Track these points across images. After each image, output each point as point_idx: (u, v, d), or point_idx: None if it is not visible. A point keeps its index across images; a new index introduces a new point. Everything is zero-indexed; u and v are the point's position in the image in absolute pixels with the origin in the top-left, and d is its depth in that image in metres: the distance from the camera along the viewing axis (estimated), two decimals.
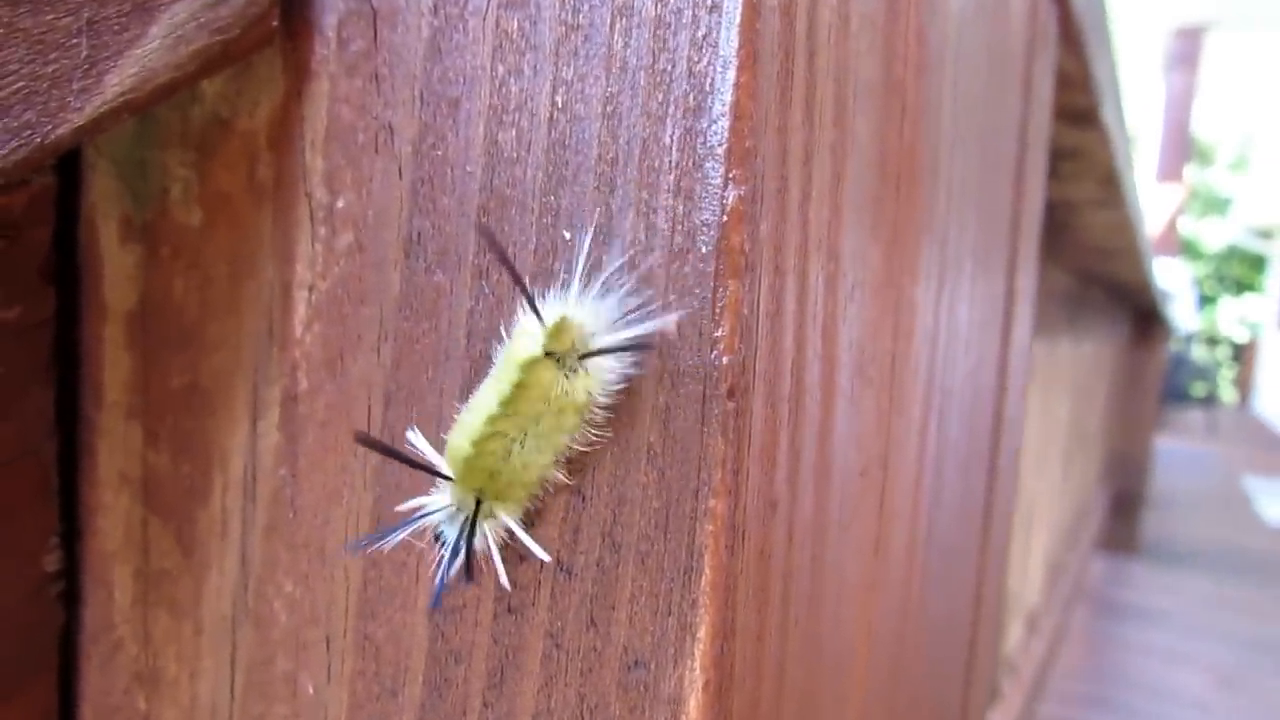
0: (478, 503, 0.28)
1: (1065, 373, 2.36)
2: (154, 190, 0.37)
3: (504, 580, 0.28)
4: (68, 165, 0.39)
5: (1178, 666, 2.83)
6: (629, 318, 0.27)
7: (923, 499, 0.46)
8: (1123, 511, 3.96)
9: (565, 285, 0.28)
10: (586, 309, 0.27)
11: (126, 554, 0.40)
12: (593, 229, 0.27)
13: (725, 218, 0.25)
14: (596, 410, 0.27)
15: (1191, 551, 3.98)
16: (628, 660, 0.27)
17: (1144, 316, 3.89)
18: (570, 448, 0.28)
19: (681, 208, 0.26)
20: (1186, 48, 5.11)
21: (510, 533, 0.28)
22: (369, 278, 0.32)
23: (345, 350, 0.33)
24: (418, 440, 0.29)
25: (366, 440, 0.30)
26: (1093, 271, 2.39)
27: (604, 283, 0.27)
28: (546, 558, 0.28)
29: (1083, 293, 2.47)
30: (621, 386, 0.27)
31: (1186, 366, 7.04)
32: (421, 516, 0.30)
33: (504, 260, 0.27)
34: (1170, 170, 4.91)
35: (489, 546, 0.28)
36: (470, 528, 0.28)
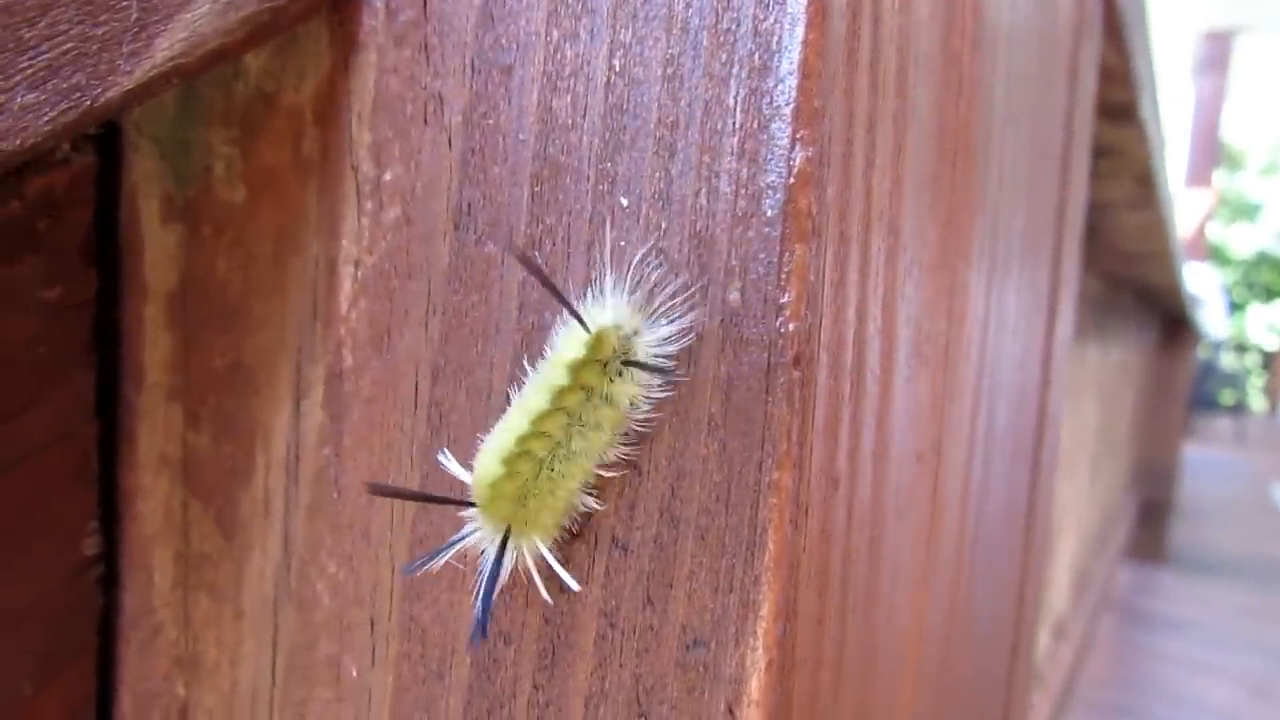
0: (507, 531, 0.28)
1: (1093, 378, 2.33)
2: (196, 169, 0.37)
3: (546, 597, 0.28)
4: (108, 146, 0.39)
5: (1206, 676, 2.79)
6: (672, 321, 0.26)
7: (971, 492, 0.45)
8: (1150, 520, 3.92)
9: (613, 287, 0.27)
10: (629, 314, 0.27)
11: (166, 537, 0.39)
12: (650, 197, 0.27)
13: (792, 180, 0.24)
14: (634, 422, 0.27)
15: (1220, 561, 3.93)
16: (686, 639, 0.26)
17: (1172, 322, 3.85)
18: (597, 472, 0.27)
19: (746, 171, 0.25)
20: (1216, 51, 5.06)
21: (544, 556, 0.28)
22: (417, 251, 0.32)
23: (392, 326, 0.32)
24: (449, 463, 0.29)
25: (383, 490, 0.29)
26: (1122, 276, 2.37)
27: (649, 287, 0.27)
28: (576, 587, 0.28)
29: (1111, 298, 2.44)
30: (664, 395, 0.27)
31: (1215, 374, 6.96)
32: (462, 539, 0.29)
33: (542, 277, 0.26)
34: (1199, 175, 4.86)
35: (528, 568, 0.28)
36: (499, 558, 0.28)
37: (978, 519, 0.46)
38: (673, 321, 0.26)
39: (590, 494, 0.28)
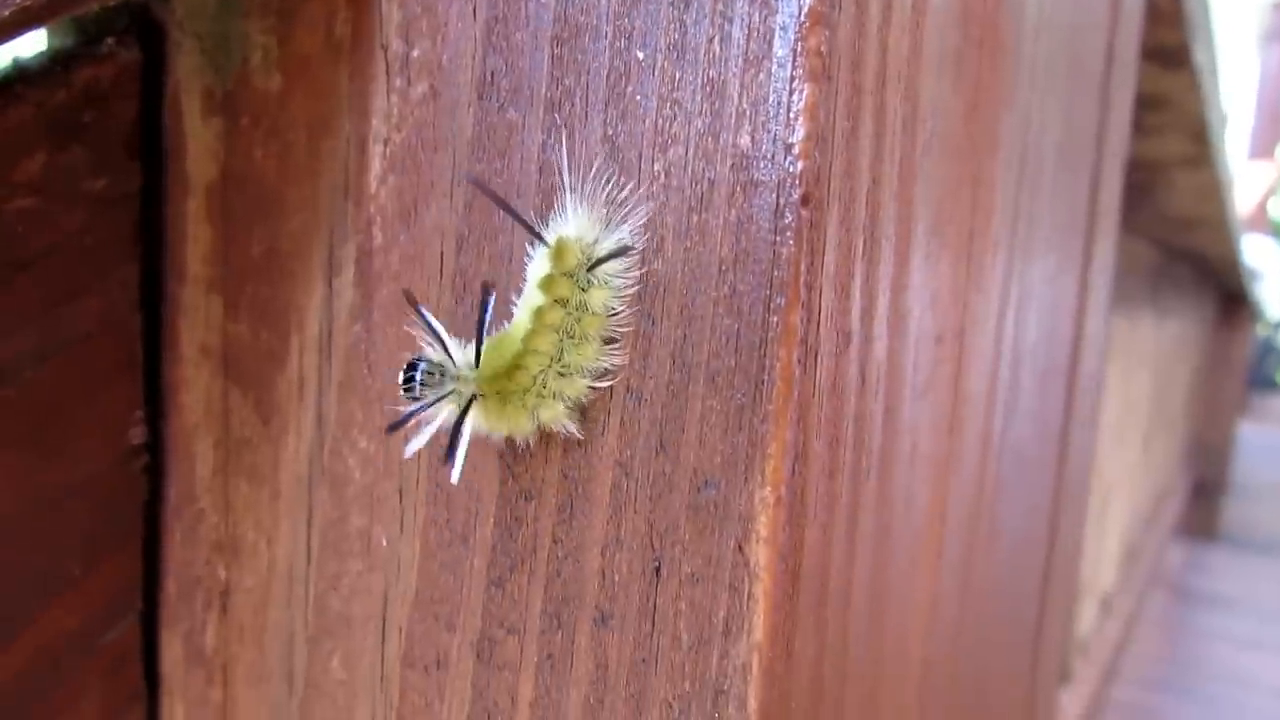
0: (473, 397, 0.29)
1: (1147, 350, 2.29)
2: (235, 61, 0.38)
3: (454, 476, 0.29)
4: (153, 46, 0.40)
5: (1257, 654, 2.74)
6: (623, 219, 0.27)
7: (998, 392, 0.45)
8: (1203, 498, 3.85)
9: (572, 201, 0.28)
10: (589, 224, 0.28)
11: (208, 426, 0.41)
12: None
13: (803, 19, 0.25)
14: (615, 328, 0.28)
15: (1274, 541, 3.84)
16: (698, 482, 0.27)
17: (1231, 297, 3.76)
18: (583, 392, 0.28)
19: (758, 14, 0.25)
20: None
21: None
22: (443, 124, 0.32)
23: (419, 199, 0.33)
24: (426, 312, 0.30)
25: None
26: (1176, 245, 2.32)
27: (605, 194, 0.28)
28: (455, 479, 0.29)
29: (1166, 267, 2.40)
30: (633, 290, 0.28)
31: (1274, 353, 6.80)
32: (439, 399, 0.29)
33: (498, 200, 0.28)
34: (1263, 148, 4.73)
35: (463, 436, 0.28)
36: (462, 416, 0.29)
37: (1005, 423, 0.46)
38: (630, 220, 0.27)
39: (609, 348, 0.28)
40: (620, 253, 0.27)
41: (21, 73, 0.37)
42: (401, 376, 0.29)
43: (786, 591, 0.26)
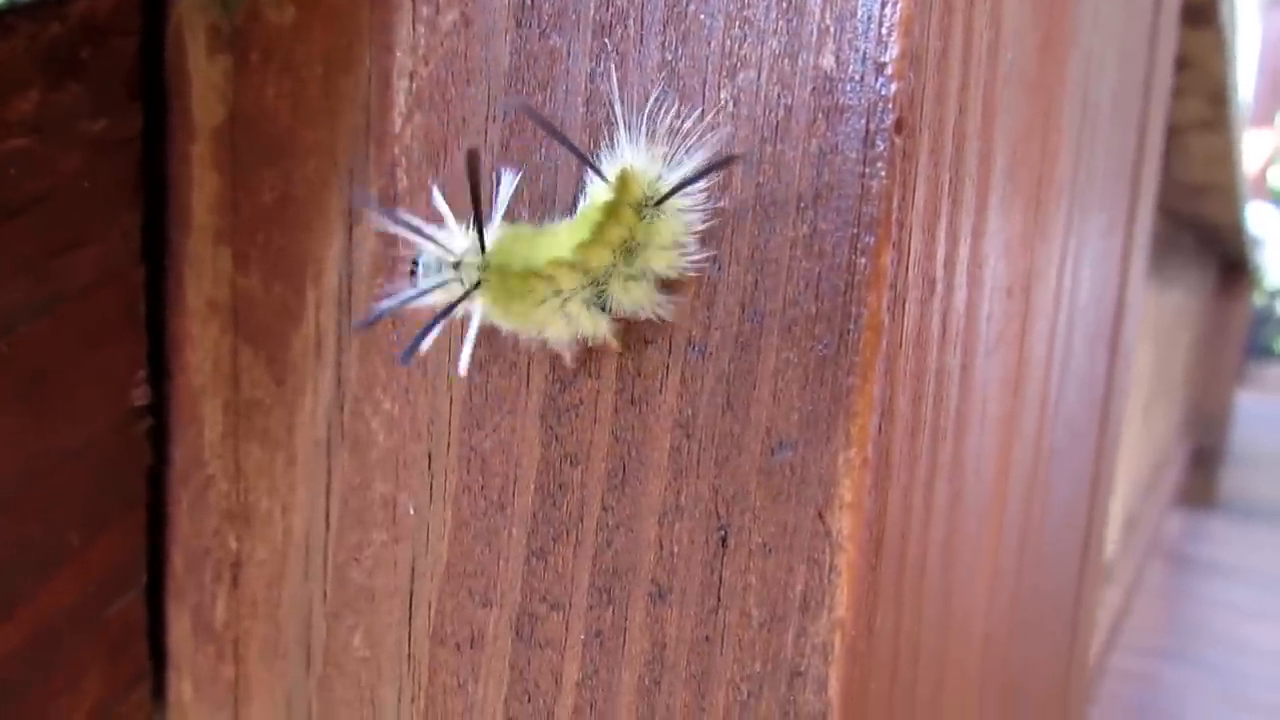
0: (476, 284, 0.26)
1: (1149, 321, 2.27)
2: None
3: (462, 368, 0.26)
4: None
5: (1257, 621, 2.74)
6: (690, 153, 0.24)
7: (1056, 349, 0.42)
8: (1202, 466, 3.84)
9: (629, 134, 0.25)
10: (652, 157, 0.25)
11: (216, 387, 0.38)
12: None
13: None
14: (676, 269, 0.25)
15: (1273, 508, 3.85)
16: (771, 442, 0.24)
17: (1230, 266, 3.74)
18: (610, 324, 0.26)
19: None
20: None
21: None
22: (476, 54, 0.30)
23: (449, 138, 0.30)
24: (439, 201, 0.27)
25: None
26: (1184, 212, 2.29)
27: (666, 128, 0.25)
28: (463, 371, 0.26)
29: (1172, 236, 2.37)
30: (708, 223, 0.25)
31: (1270, 321, 6.79)
32: (429, 238, 0.26)
33: (552, 130, 0.24)
34: (1264, 115, 4.70)
35: (467, 330, 0.26)
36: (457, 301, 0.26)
37: (1060, 386, 0.44)
38: (694, 154, 0.24)
39: (664, 296, 0.26)
40: (699, 178, 0.24)
41: (13, 4, 0.34)
42: (409, 273, 0.27)
43: (870, 563, 0.24)
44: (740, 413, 0.25)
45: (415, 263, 0.27)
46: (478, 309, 0.25)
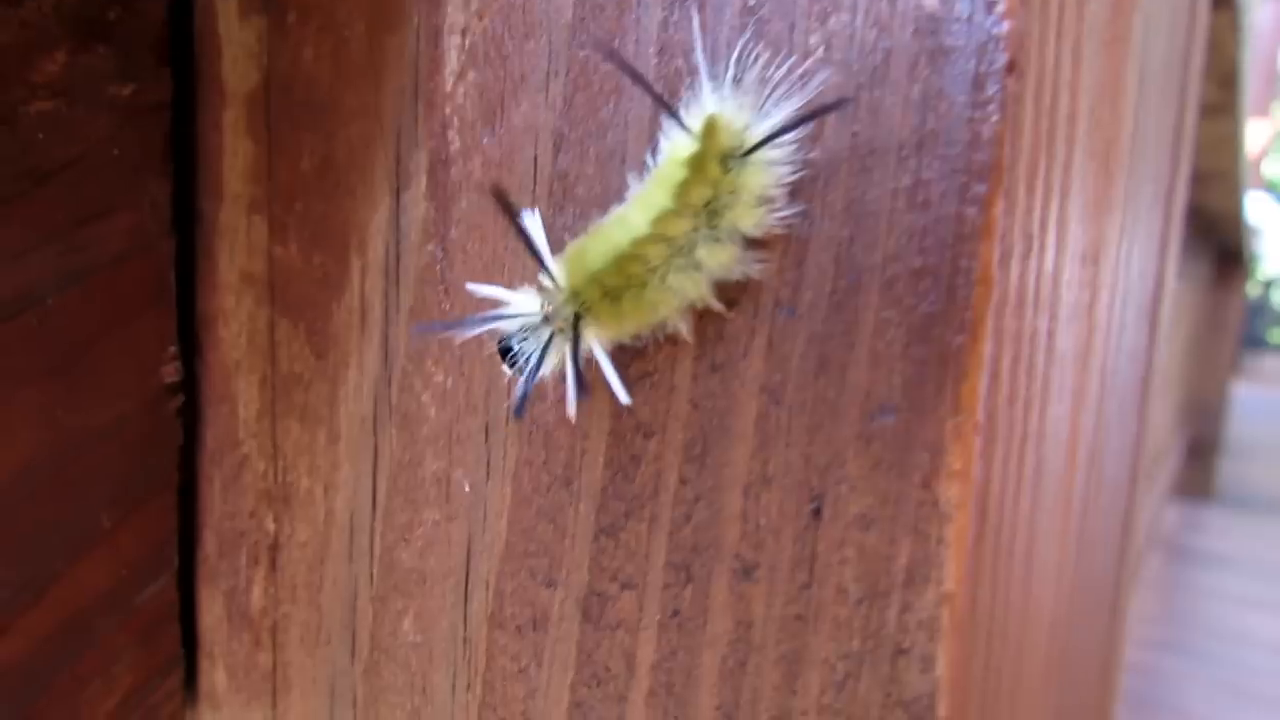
0: (577, 317, 0.25)
1: None
2: None
3: (624, 397, 0.25)
4: None
5: (1255, 611, 2.74)
6: (779, 102, 0.23)
7: (1114, 324, 0.41)
8: (1198, 457, 3.85)
9: (712, 81, 0.24)
10: (738, 104, 0.23)
11: (251, 362, 0.37)
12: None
13: None
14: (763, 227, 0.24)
15: (1270, 499, 3.85)
16: (870, 408, 0.23)
17: (1226, 256, 3.74)
18: (709, 285, 0.24)
19: None
20: None
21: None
22: (535, 6, 0.28)
23: (506, 96, 0.29)
24: (532, 223, 0.26)
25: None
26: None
27: (754, 74, 0.23)
28: (626, 399, 0.25)
29: None
30: (798, 176, 0.23)
31: (1265, 312, 6.81)
32: (502, 317, 0.26)
33: (636, 75, 0.23)
34: (1258, 106, 4.70)
35: (600, 364, 0.25)
36: (575, 343, 0.25)
37: (1115, 359, 0.42)
38: (784, 104, 0.23)
39: (751, 256, 0.24)
40: (797, 124, 0.22)
41: None
42: (504, 361, 0.26)
43: (978, 533, 0.23)
44: (835, 376, 0.23)
45: (506, 350, 0.26)
46: (593, 339, 0.24)
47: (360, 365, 0.34)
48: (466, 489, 0.31)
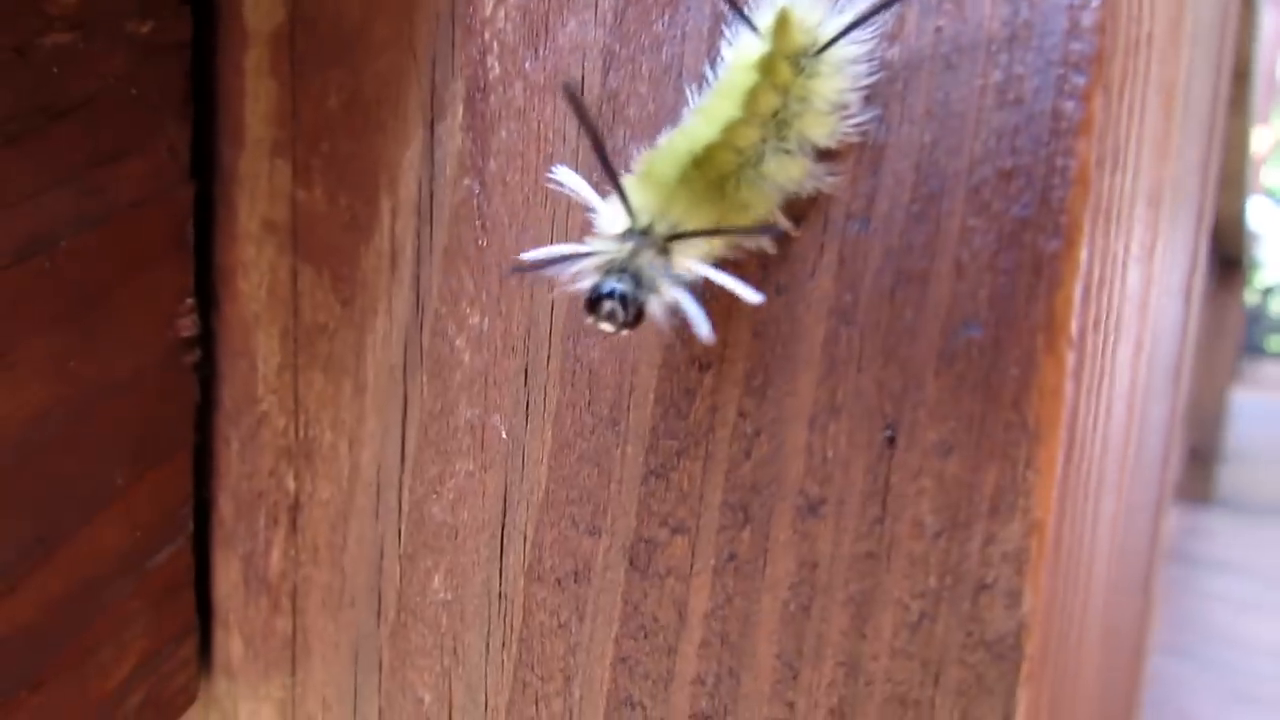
0: (668, 239, 0.22)
1: None
2: None
3: (754, 297, 0.22)
4: None
5: (1255, 615, 2.72)
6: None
7: (1154, 298, 0.40)
8: (1198, 463, 3.83)
9: None
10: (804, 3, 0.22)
11: (272, 314, 0.35)
12: None
13: None
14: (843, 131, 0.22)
15: (1269, 504, 3.84)
16: (953, 323, 0.21)
17: (1226, 262, 3.73)
18: (799, 183, 0.22)
19: None
20: None
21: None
22: None
23: (551, 14, 0.27)
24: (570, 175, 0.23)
25: (573, 97, 0.22)
26: None
27: None
28: (756, 298, 0.21)
29: None
30: (874, 79, 0.22)
31: (1263, 320, 6.81)
32: (588, 255, 0.23)
33: None
34: (1258, 113, 4.71)
35: (682, 295, 0.21)
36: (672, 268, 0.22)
37: (1154, 339, 0.41)
38: None
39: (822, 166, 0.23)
40: (875, 13, 0.21)
41: None
42: (594, 312, 0.22)
43: (1068, 457, 0.21)
44: (913, 292, 0.22)
45: (598, 296, 0.22)
46: (691, 255, 0.22)
47: (389, 311, 0.32)
48: (503, 436, 0.29)
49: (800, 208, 0.23)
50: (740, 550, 0.25)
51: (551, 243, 0.28)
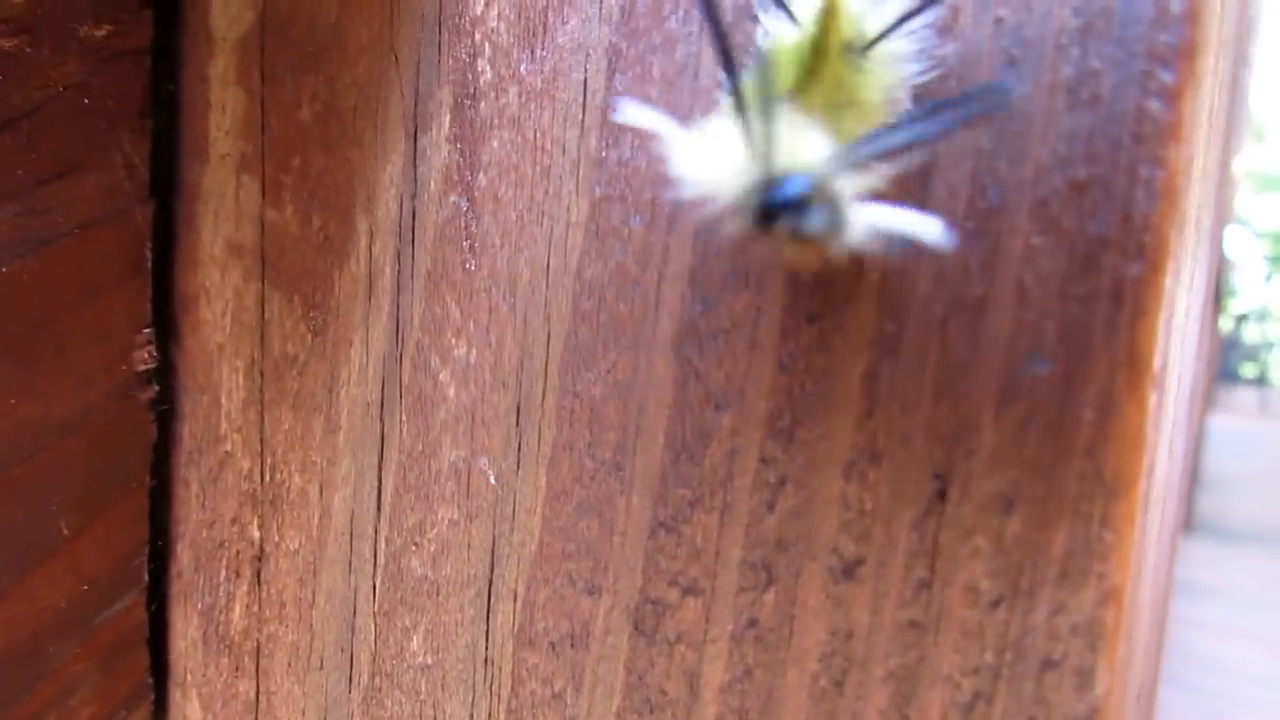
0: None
1: None
2: None
3: (938, 233, 0.16)
4: None
5: (1233, 641, 2.71)
6: None
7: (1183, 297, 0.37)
8: None
9: None
10: None
11: (237, 346, 0.32)
12: None
13: None
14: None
15: (1246, 530, 3.84)
16: (1015, 357, 0.19)
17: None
18: None
19: None
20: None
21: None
22: None
23: (549, 10, 0.25)
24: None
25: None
26: None
27: None
28: (943, 235, 0.16)
29: None
30: (927, 77, 0.19)
31: (1237, 347, 6.86)
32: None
33: None
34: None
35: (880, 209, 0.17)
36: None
37: (1184, 343, 0.39)
38: None
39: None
40: (927, 6, 0.18)
41: None
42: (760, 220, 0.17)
43: (1142, 516, 0.18)
44: (968, 321, 0.19)
45: (776, 209, 0.17)
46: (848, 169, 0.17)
47: (365, 342, 0.29)
48: (491, 481, 0.26)
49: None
50: (762, 616, 0.22)
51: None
